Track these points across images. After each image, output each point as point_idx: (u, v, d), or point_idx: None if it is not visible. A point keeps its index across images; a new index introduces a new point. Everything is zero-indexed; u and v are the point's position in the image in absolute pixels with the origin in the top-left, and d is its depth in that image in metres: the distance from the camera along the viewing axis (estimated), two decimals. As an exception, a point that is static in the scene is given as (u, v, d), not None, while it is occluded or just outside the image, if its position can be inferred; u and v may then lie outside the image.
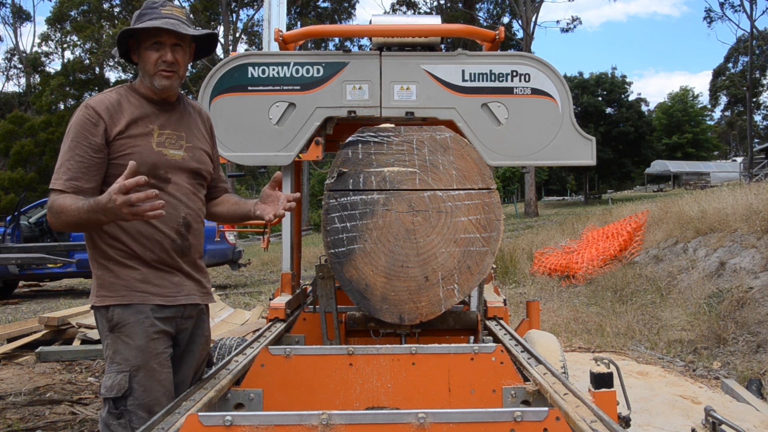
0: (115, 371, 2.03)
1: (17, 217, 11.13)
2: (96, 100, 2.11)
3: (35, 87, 41.23)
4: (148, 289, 2.09)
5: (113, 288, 2.07)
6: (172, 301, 2.13)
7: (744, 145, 57.95)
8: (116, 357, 2.04)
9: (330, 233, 2.60)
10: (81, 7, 35.90)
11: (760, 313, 5.94)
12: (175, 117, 2.23)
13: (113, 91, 2.18)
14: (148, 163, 2.09)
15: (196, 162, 2.25)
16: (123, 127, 2.08)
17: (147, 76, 2.15)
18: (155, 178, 2.10)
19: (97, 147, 2.05)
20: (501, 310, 3.18)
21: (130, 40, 2.17)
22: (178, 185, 2.17)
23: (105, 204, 1.85)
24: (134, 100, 2.16)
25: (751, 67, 43.78)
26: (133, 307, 2.06)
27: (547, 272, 10.28)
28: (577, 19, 40.40)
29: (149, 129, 2.14)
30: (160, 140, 2.15)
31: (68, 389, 5.04)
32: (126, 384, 2.01)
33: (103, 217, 1.90)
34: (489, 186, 2.66)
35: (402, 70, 3.39)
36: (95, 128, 2.05)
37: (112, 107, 2.10)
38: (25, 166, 32.74)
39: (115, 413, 2.01)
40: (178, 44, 2.15)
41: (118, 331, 2.06)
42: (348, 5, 39.19)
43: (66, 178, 2.02)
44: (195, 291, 2.22)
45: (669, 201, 12.73)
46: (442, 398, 2.29)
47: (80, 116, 2.07)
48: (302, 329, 3.34)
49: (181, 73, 2.19)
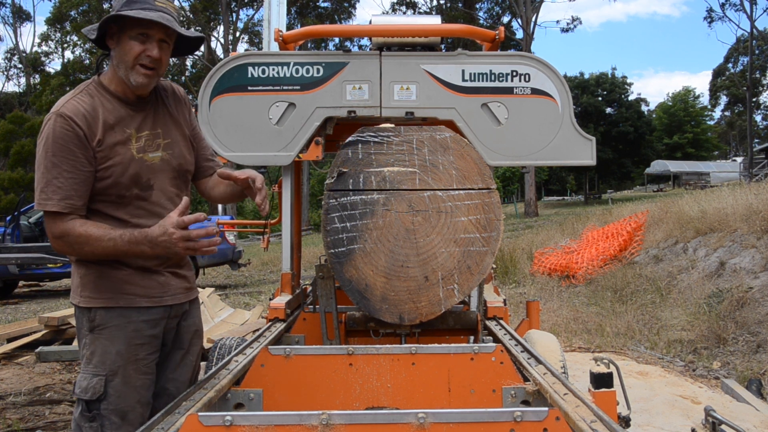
0: (91, 373, 1.98)
1: (17, 217, 11.13)
2: (71, 109, 1.93)
3: (35, 87, 41.22)
4: (134, 291, 2.03)
5: (98, 289, 2.01)
6: (158, 302, 2.08)
7: (744, 145, 57.95)
8: (93, 359, 1.99)
9: (330, 233, 2.60)
10: (81, 7, 35.90)
11: (760, 313, 5.94)
12: (150, 115, 2.11)
13: (84, 93, 2.00)
14: (130, 173, 2.00)
15: (177, 159, 2.15)
16: (101, 136, 1.95)
17: (123, 68, 1.99)
18: (137, 187, 2.02)
19: (84, 159, 1.91)
20: (501, 310, 3.18)
21: (111, 24, 2.01)
22: (161, 190, 2.09)
23: (156, 237, 1.84)
24: (107, 102, 2.01)
25: (751, 67, 43.79)
26: (118, 311, 2.00)
27: (547, 272, 10.28)
28: (577, 19, 40.46)
29: (127, 134, 2.01)
30: (139, 145, 2.03)
31: (68, 389, 5.04)
32: (101, 388, 1.96)
33: (149, 250, 1.87)
34: (489, 186, 2.66)
35: (402, 70, 3.39)
36: (78, 140, 1.90)
37: (88, 115, 1.94)
38: (25, 166, 32.70)
39: (87, 416, 1.97)
40: (165, 41, 2.03)
41: (98, 333, 2.00)
42: (348, 5, 39.19)
43: (59, 198, 1.88)
44: (180, 290, 2.18)
45: (669, 201, 12.73)
46: (441, 398, 2.29)
47: (57, 128, 1.90)
48: (302, 329, 3.34)
49: (160, 72, 2.06)
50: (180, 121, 2.22)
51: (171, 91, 2.25)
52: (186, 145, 2.22)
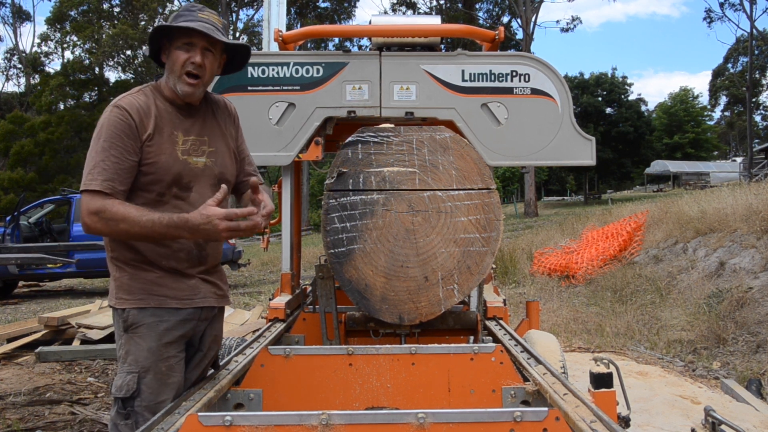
0: (126, 372, 2.04)
1: (17, 217, 11.12)
2: (127, 102, 2.06)
3: (35, 87, 41.20)
4: (164, 292, 2.10)
5: (130, 290, 2.08)
6: (188, 303, 2.14)
7: (744, 146, 57.98)
8: (128, 358, 2.06)
9: (330, 233, 2.60)
10: (81, 7, 35.86)
11: (760, 313, 5.94)
12: (199, 121, 2.21)
13: (140, 93, 2.13)
14: (173, 172, 2.08)
15: (219, 167, 2.23)
16: (151, 132, 2.05)
17: (173, 78, 2.12)
18: (177, 186, 2.10)
19: (132, 149, 2.01)
20: (501, 310, 3.18)
21: (163, 40, 2.15)
22: (199, 194, 2.15)
23: (198, 224, 1.94)
24: (160, 103, 2.13)
25: (750, 67, 43.78)
26: (150, 311, 2.07)
27: (547, 272, 10.28)
28: (577, 19, 40.43)
29: (174, 135, 2.11)
30: (185, 148, 2.13)
31: (68, 389, 5.04)
32: (134, 385, 2.02)
33: (188, 235, 1.98)
34: (489, 186, 2.66)
35: (402, 70, 3.39)
36: (129, 129, 2.01)
37: (142, 110, 2.06)
38: (25, 166, 32.72)
39: (122, 413, 2.02)
40: (209, 49, 2.13)
41: (132, 332, 2.07)
42: (348, 5, 39.19)
43: (102, 179, 1.96)
44: (210, 294, 2.22)
45: (669, 201, 12.74)
46: (441, 398, 2.29)
47: (113, 117, 2.02)
48: (302, 329, 3.34)
49: (205, 80, 2.16)
50: (226, 133, 2.32)
51: (223, 106, 2.37)
52: (230, 157, 2.31)
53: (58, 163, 33.12)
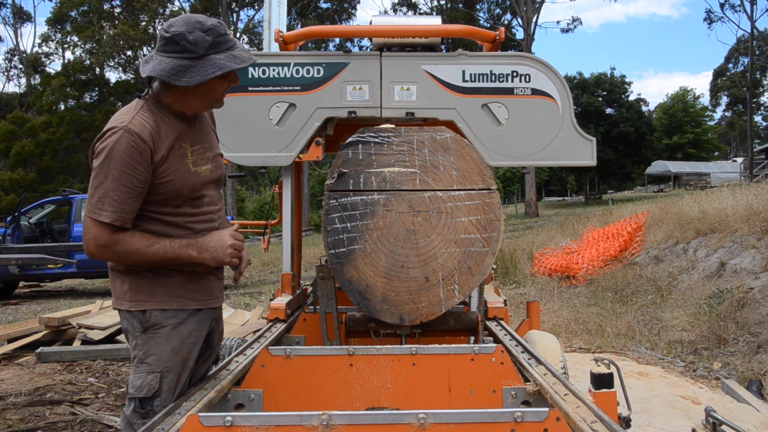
0: (146, 371, 2.05)
1: (17, 218, 11.13)
2: (138, 126, 1.99)
3: (35, 87, 41.21)
4: (184, 294, 2.12)
5: (151, 293, 2.08)
6: (205, 304, 2.18)
7: (744, 146, 57.98)
8: (147, 358, 2.06)
9: (330, 233, 2.60)
10: (81, 7, 35.87)
11: (761, 313, 5.94)
12: (198, 128, 2.22)
13: (145, 110, 2.06)
14: (189, 185, 2.10)
15: (219, 170, 2.28)
16: (165, 153, 2.04)
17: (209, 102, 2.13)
18: (192, 197, 2.13)
19: (144, 178, 1.99)
20: (501, 310, 3.18)
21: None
22: (209, 197, 2.21)
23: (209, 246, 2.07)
24: (167, 119, 2.09)
25: (751, 67, 43.78)
26: (172, 312, 2.10)
27: (548, 273, 10.27)
28: (578, 20, 40.50)
29: (183, 148, 2.12)
30: (194, 159, 2.15)
31: (68, 390, 5.05)
32: (157, 384, 2.04)
33: (196, 255, 2.07)
34: (489, 186, 2.66)
35: (402, 70, 3.39)
36: (141, 157, 1.97)
37: (155, 133, 2.03)
38: (26, 167, 32.74)
39: (140, 412, 2.03)
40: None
41: (152, 332, 2.07)
42: (348, 6, 39.20)
43: (113, 210, 1.94)
44: (219, 292, 2.28)
45: (669, 201, 12.74)
46: (442, 399, 2.29)
47: (125, 144, 1.96)
48: (302, 330, 3.34)
49: None
50: (212, 132, 2.36)
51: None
52: (220, 155, 2.35)
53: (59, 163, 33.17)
